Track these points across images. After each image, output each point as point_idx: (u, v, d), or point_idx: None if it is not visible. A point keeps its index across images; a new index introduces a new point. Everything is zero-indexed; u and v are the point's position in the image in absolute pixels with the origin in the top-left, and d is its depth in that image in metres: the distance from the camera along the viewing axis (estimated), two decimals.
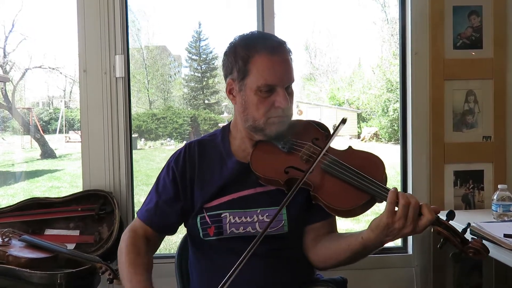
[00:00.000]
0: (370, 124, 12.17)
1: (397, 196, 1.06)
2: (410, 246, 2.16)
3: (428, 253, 2.12)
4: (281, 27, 2.25)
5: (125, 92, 2.04)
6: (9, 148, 10.16)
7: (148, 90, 11.86)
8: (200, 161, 1.30)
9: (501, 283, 2.05)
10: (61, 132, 11.19)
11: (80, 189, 2.01)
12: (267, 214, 1.22)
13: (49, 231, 1.88)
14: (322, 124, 1.33)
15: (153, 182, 1.33)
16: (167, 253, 2.88)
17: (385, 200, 1.08)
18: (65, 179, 7.70)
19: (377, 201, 1.12)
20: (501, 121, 2.12)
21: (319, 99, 13.21)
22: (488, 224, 1.67)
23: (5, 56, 9.89)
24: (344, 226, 4.51)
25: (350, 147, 1.26)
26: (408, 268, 2.13)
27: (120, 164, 2.03)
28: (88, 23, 2.00)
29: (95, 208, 1.89)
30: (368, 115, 12.34)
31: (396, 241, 1.13)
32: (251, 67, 1.20)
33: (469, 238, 1.07)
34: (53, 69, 10.50)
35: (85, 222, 1.90)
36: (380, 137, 11.54)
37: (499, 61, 2.11)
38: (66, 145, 10.63)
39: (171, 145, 10.55)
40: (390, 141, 10.88)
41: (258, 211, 1.23)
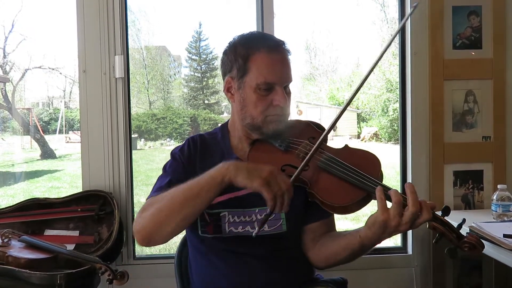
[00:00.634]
0: (370, 124, 12.15)
1: (385, 193, 1.06)
2: (410, 246, 2.16)
3: (428, 253, 2.12)
4: (281, 27, 2.25)
5: (125, 93, 2.04)
6: (9, 149, 10.14)
7: (148, 90, 11.84)
8: (203, 154, 1.30)
9: (501, 283, 2.05)
10: (61, 132, 11.17)
11: (80, 189, 2.01)
12: (266, 213, 1.22)
13: (48, 232, 1.88)
14: (319, 124, 1.34)
15: (153, 182, 1.31)
16: (167, 253, 2.88)
17: None
18: (65, 180, 7.69)
19: (372, 197, 1.12)
20: (501, 121, 2.12)
21: (319, 99, 13.20)
22: (488, 224, 1.67)
23: (5, 57, 9.87)
24: (344, 226, 4.51)
25: (347, 146, 1.27)
26: (408, 268, 2.13)
27: (120, 165, 2.03)
28: (88, 23, 2.00)
29: (94, 208, 1.90)
30: (368, 115, 12.33)
31: (395, 241, 1.13)
32: (251, 65, 1.21)
33: (464, 234, 1.07)
34: (53, 69, 10.47)
35: (85, 222, 1.90)
36: (380, 137, 11.52)
37: (499, 61, 2.11)
38: (66, 145, 10.60)
39: (171, 145, 10.53)
40: (390, 141, 10.86)
41: (256, 211, 1.23)
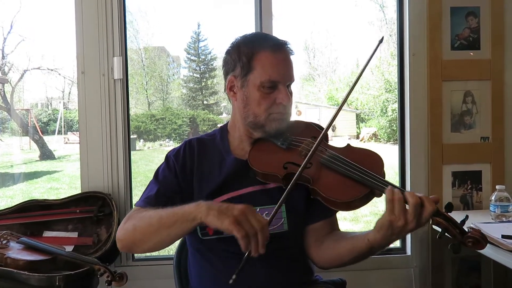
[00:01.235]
0: (369, 125, 12.16)
1: (395, 193, 1.05)
2: (408, 247, 2.16)
3: (427, 253, 2.12)
4: (280, 27, 2.25)
5: (123, 94, 2.04)
6: (8, 150, 10.12)
7: (146, 91, 11.82)
8: (200, 157, 1.31)
9: (500, 284, 2.05)
10: (60, 133, 11.15)
11: (79, 190, 2.01)
12: (267, 212, 1.22)
13: (47, 233, 1.88)
14: (319, 125, 1.34)
15: None
16: (166, 254, 2.87)
17: (384, 193, 1.07)
18: (64, 181, 7.67)
19: (376, 194, 1.12)
20: (499, 121, 2.12)
21: (318, 99, 13.20)
22: (486, 225, 1.68)
23: (3, 58, 9.85)
24: (343, 227, 4.50)
25: (349, 145, 1.27)
26: (406, 269, 2.13)
27: (119, 166, 2.03)
28: (86, 24, 2.00)
29: (93, 210, 1.90)
30: (367, 115, 12.34)
31: (395, 242, 1.13)
32: (255, 63, 1.22)
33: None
34: (52, 70, 10.45)
35: (84, 224, 1.90)
36: (379, 137, 11.53)
37: (497, 62, 2.11)
38: (65, 146, 10.58)
39: (170, 146, 10.52)
40: (389, 141, 10.86)
41: (258, 210, 1.23)
